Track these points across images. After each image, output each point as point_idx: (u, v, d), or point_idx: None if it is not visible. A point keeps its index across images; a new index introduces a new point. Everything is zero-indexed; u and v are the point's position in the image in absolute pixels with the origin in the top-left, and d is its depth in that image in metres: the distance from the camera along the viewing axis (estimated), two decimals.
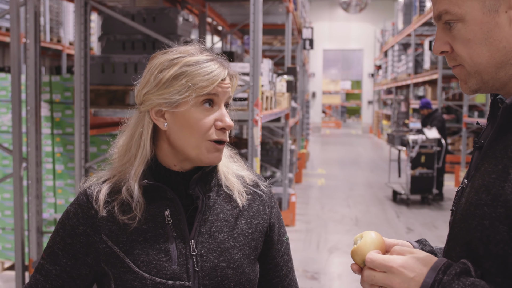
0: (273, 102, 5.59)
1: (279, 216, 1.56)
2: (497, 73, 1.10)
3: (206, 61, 1.35)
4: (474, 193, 1.10)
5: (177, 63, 1.35)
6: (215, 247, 1.39)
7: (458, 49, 1.13)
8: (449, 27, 1.13)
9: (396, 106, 20.09)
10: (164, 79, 1.34)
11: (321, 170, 13.75)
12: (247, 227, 1.46)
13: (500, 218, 1.02)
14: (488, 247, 1.04)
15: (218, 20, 9.10)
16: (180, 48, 1.40)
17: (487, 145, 1.14)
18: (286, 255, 1.56)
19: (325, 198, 9.97)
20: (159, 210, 1.38)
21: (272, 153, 8.59)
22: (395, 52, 18.78)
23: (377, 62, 25.45)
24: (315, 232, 7.50)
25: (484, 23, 1.08)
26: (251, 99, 4.07)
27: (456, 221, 1.14)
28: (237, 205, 1.46)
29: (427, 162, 9.28)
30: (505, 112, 1.10)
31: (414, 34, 14.67)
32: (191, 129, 1.35)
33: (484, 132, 1.21)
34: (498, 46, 1.08)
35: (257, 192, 1.51)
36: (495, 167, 1.08)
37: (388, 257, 1.10)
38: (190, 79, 1.33)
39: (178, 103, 1.34)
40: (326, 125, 30.28)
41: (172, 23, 4.90)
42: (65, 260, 1.39)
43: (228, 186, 1.46)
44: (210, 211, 1.42)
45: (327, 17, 27.11)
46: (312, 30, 12.08)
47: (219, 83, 1.35)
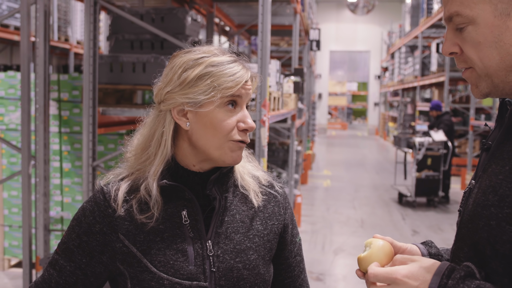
0: (280, 103, 5.59)
1: (293, 217, 1.58)
2: (507, 76, 1.11)
3: (230, 62, 1.36)
4: (482, 194, 1.11)
5: (202, 63, 1.35)
6: (231, 248, 1.40)
7: (468, 52, 1.13)
8: (460, 29, 1.13)
9: (403, 108, 20.05)
10: (189, 79, 1.34)
11: (327, 171, 13.75)
12: (263, 228, 1.47)
13: (506, 218, 1.03)
14: (495, 247, 1.05)
15: (225, 21, 9.11)
16: (203, 48, 1.40)
17: (495, 146, 1.15)
18: (298, 255, 1.58)
19: (331, 200, 9.97)
20: (176, 210, 1.39)
21: (278, 154, 8.60)
22: (402, 54, 18.76)
23: (384, 64, 25.42)
24: (320, 233, 7.50)
25: (495, 26, 1.08)
26: (259, 100, 4.07)
27: (464, 222, 1.15)
28: (253, 206, 1.47)
29: (433, 164, 9.26)
30: None
31: (421, 36, 14.65)
32: (214, 129, 1.35)
33: (492, 134, 1.21)
34: (508, 50, 1.08)
35: (272, 193, 1.52)
36: (502, 168, 1.08)
37: (391, 269, 1.11)
38: (216, 79, 1.33)
39: (203, 103, 1.34)
40: (332, 127, 30.25)
41: (180, 23, 4.91)
42: (80, 257, 1.40)
43: (244, 186, 1.48)
44: (226, 212, 1.43)
45: (334, 19, 27.09)
46: (319, 31, 12.08)
47: (243, 85, 1.36)
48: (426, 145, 9.25)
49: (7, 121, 5.40)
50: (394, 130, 21.04)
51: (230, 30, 10.08)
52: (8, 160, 5.44)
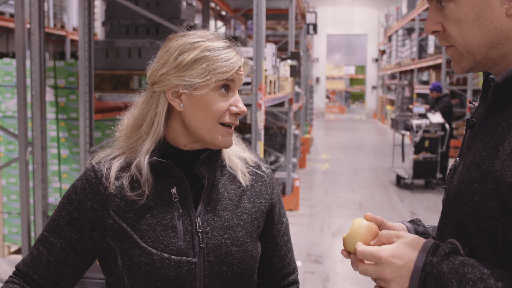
0: (277, 86, 5.59)
1: (280, 197, 1.62)
2: (488, 53, 1.12)
3: (225, 48, 1.40)
4: (466, 170, 1.12)
5: (198, 47, 1.38)
6: (220, 225, 1.44)
7: (450, 29, 1.14)
8: (441, 7, 1.14)
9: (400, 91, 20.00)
10: (185, 61, 1.37)
11: (325, 155, 13.77)
12: (250, 206, 1.50)
13: (490, 194, 1.04)
14: (479, 222, 1.06)
15: (221, 5, 9.07)
16: (198, 32, 1.44)
17: (479, 123, 1.16)
18: (285, 235, 1.62)
19: (329, 183, 10.00)
20: (166, 188, 1.42)
21: (276, 138, 8.61)
22: (399, 37, 18.72)
23: (381, 47, 25.37)
24: (319, 216, 7.53)
25: (476, 3, 1.09)
26: (255, 83, 4.08)
27: (449, 199, 1.16)
28: (241, 185, 1.51)
29: (431, 146, 9.28)
30: (495, 90, 1.12)
31: (418, 19, 14.62)
32: (207, 111, 1.39)
33: (476, 111, 1.23)
34: (489, 27, 1.09)
35: (259, 173, 1.57)
36: (486, 145, 1.10)
37: (377, 249, 1.12)
38: (211, 64, 1.37)
39: (197, 86, 1.38)
40: (330, 111, 30.25)
41: (175, 8, 4.90)
42: (71, 234, 1.42)
43: (231, 167, 1.52)
44: (215, 190, 1.46)
45: (330, 2, 26.99)
46: (316, 15, 12.04)
47: (236, 70, 1.40)
48: (424, 127, 9.26)
49: (3, 109, 5.40)
50: (392, 113, 21.04)
51: (226, 14, 10.04)
52: (6, 147, 5.44)
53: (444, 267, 1.04)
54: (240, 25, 11.91)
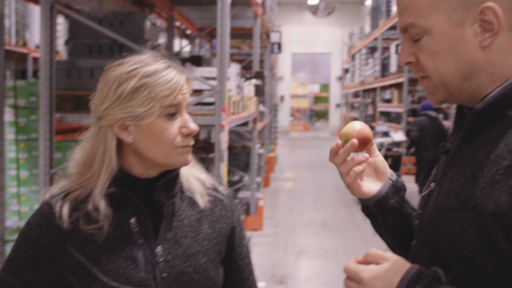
0: (241, 106, 5.60)
1: (240, 219, 1.61)
2: (462, 84, 1.13)
3: (164, 69, 1.36)
4: (443, 197, 1.12)
5: (136, 75, 1.34)
6: (181, 253, 1.42)
7: (424, 61, 1.15)
8: (414, 39, 1.15)
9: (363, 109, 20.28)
10: (125, 93, 1.33)
11: (290, 173, 13.81)
12: (211, 232, 1.49)
13: (469, 222, 1.04)
14: (458, 251, 1.06)
15: (186, 24, 9.08)
16: (134, 58, 1.39)
17: (455, 149, 1.17)
18: (247, 257, 1.61)
19: (293, 202, 10.02)
20: (124, 218, 1.39)
21: (240, 157, 8.60)
22: (363, 55, 18.97)
23: (345, 66, 25.67)
24: (283, 235, 7.53)
25: (451, 36, 1.11)
26: (218, 104, 4.08)
27: (424, 225, 1.16)
28: (200, 209, 1.49)
29: (393, 164, 9.39)
30: (473, 117, 1.13)
31: (381, 38, 14.86)
32: (158, 139, 1.36)
33: (450, 137, 1.23)
34: (463, 59, 1.11)
35: (218, 197, 1.55)
36: (464, 172, 1.10)
37: (360, 268, 1.11)
38: (152, 89, 1.33)
39: (143, 116, 1.34)
40: (295, 128, 30.39)
41: (139, 28, 4.88)
42: (29, 273, 1.38)
43: (189, 189, 1.49)
44: (174, 217, 1.44)
45: (295, 21, 27.24)
46: (281, 34, 12.12)
47: (179, 90, 1.36)
48: (386, 145, 9.39)
49: None
50: None
51: (191, 33, 10.05)
52: None
53: None
54: (205, 43, 11.93)
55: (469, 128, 1.14)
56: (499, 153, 1.05)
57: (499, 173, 1.03)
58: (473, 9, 1.09)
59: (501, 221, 1.00)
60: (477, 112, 1.12)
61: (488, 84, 1.12)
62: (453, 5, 1.10)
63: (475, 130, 1.14)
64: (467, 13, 1.09)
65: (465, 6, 1.09)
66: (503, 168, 1.03)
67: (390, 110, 16.01)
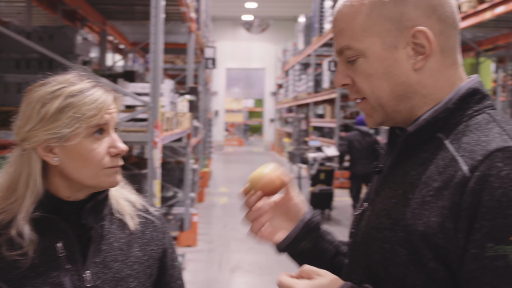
0: (174, 122, 5.57)
1: (171, 241, 1.58)
2: (397, 106, 1.16)
3: (89, 89, 1.33)
4: (375, 217, 1.14)
5: (60, 95, 1.30)
6: (111, 277, 1.37)
7: (360, 83, 1.17)
8: (350, 61, 1.17)
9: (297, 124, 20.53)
10: (49, 113, 1.29)
11: (224, 188, 13.80)
12: (142, 255, 1.45)
13: (400, 242, 1.06)
14: (388, 270, 1.08)
15: (119, 39, 8.98)
16: (59, 78, 1.35)
17: (387, 170, 1.20)
18: (179, 279, 1.58)
19: (228, 217, 10.01)
20: (51, 243, 1.34)
21: (174, 173, 8.53)
22: (296, 71, 19.26)
23: (279, 81, 25.97)
24: (217, 251, 7.51)
25: (385, 58, 1.13)
26: (151, 121, 4.04)
27: (357, 244, 1.18)
28: (131, 232, 1.45)
29: (326, 179, 9.55)
30: (406, 139, 1.16)
31: (314, 55, 15.14)
32: (85, 161, 1.32)
33: (383, 157, 1.26)
34: (397, 81, 1.14)
35: (149, 218, 1.51)
36: (395, 192, 1.12)
37: (295, 282, 1.12)
38: (77, 110, 1.29)
39: (68, 137, 1.30)
40: (229, 143, 30.43)
41: (70, 42, 4.79)
42: None
43: (119, 211, 1.45)
44: (104, 241, 1.40)
45: (230, 37, 27.39)
46: (215, 49, 12.16)
47: (106, 110, 1.33)
48: (319, 160, 9.54)
49: None
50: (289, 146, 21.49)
51: (124, 48, 9.94)
52: None
53: None
54: (138, 58, 11.82)
55: (401, 149, 1.17)
56: (430, 175, 1.08)
57: (430, 194, 1.06)
58: (405, 33, 1.12)
59: (430, 242, 1.03)
60: (409, 134, 1.15)
61: (421, 106, 1.15)
62: (387, 29, 1.13)
63: (407, 151, 1.16)
64: (400, 36, 1.13)
65: (398, 29, 1.12)
66: (433, 189, 1.06)
67: (323, 125, 16.31)
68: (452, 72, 1.16)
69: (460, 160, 1.04)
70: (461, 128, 1.11)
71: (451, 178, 1.04)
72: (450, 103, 1.13)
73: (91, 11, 6.62)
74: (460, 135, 1.10)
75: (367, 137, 9.00)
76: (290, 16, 26.17)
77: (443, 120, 1.12)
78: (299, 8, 23.27)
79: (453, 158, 1.06)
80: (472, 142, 1.06)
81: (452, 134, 1.11)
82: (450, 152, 1.08)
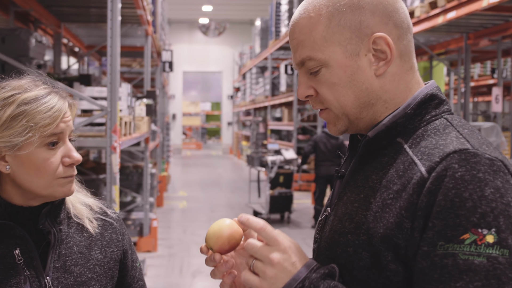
0: (132, 127, 5.50)
1: (131, 242, 1.57)
2: (361, 113, 1.17)
3: (44, 96, 1.28)
4: (338, 221, 1.15)
5: (13, 102, 1.26)
6: (72, 282, 1.35)
7: (324, 93, 1.17)
8: (312, 72, 1.17)
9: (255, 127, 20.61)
10: (1, 121, 1.25)
11: (183, 192, 13.71)
12: (102, 257, 1.44)
13: (363, 245, 1.07)
14: (352, 273, 1.09)
15: (74, 42, 8.82)
16: (13, 83, 1.30)
17: (349, 175, 1.21)
18: (140, 280, 1.57)
19: (187, 221, 9.93)
20: (8, 250, 1.30)
21: (132, 177, 8.42)
22: (253, 74, 19.30)
23: (236, 84, 26.01)
24: (178, 256, 7.44)
25: (347, 66, 1.14)
26: (109, 126, 3.97)
27: (321, 249, 1.19)
28: (90, 235, 1.43)
29: (285, 182, 9.58)
30: (366, 144, 1.17)
31: (270, 58, 15.20)
32: (38, 170, 1.28)
33: (345, 162, 1.27)
34: (361, 88, 1.15)
35: (107, 220, 1.50)
36: (357, 196, 1.13)
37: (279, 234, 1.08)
38: (31, 118, 1.25)
39: (21, 146, 1.26)
40: (187, 147, 30.29)
41: (23, 45, 4.68)
42: None
43: (77, 215, 1.43)
44: (63, 245, 1.37)
45: (186, 40, 27.28)
46: (172, 52, 12.09)
47: (61, 118, 1.29)
48: (278, 163, 9.56)
49: None
50: (248, 149, 21.53)
51: (79, 51, 9.77)
52: None
53: (321, 285, 1.04)
54: (94, 61, 11.64)
55: (362, 154, 1.19)
56: (390, 179, 1.10)
57: (390, 197, 1.08)
58: (365, 40, 1.14)
59: (390, 242, 1.04)
60: (369, 140, 1.16)
61: (383, 112, 1.17)
62: (347, 37, 1.14)
63: (367, 156, 1.18)
64: (361, 43, 1.14)
65: (358, 37, 1.14)
66: (393, 192, 1.07)
67: (281, 128, 16.38)
68: (410, 76, 1.18)
69: (419, 163, 1.06)
70: (419, 132, 1.13)
71: (409, 180, 1.06)
72: (409, 108, 1.14)
73: (45, 13, 6.48)
74: (419, 139, 1.12)
75: (333, 139, 9.08)
76: (247, 19, 26.25)
77: (402, 125, 1.14)
78: (256, 12, 23.37)
79: (412, 161, 1.08)
80: (430, 146, 1.08)
81: (411, 138, 1.13)
82: (410, 156, 1.10)
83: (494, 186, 0.99)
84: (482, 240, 0.97)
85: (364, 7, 1.13)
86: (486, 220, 0.97)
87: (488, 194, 0.99)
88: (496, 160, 1.03)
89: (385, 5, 1.14)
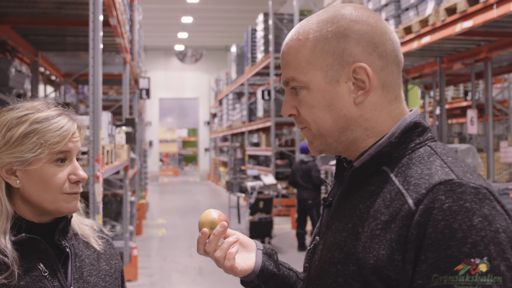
0: (113, 155, 5.47)
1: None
2: (339, 137, 1.19)
3: (55, 117, 1.39)
4: (327, 251, 1.16)
5: (26, 121, 1.36)
6: None
7: (303, 113, 1.21)
8: (296, 92, 1.21)
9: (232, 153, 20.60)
10: (14, 138, 1.35)
11: (162, 220, 13.59)
12: (109, 268, 1.55)
13: (353, 275, 1.09)
14: None
15: (51, 70, 8.78)
16: (27, 104, 1.41)
17: (336, 203, 1.22)
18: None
19: (167, 249, 9.84)
20: (32, 264, 1.38)
21: (111, 205, 8.34)
22: (230, 100, 19.36)
23: (213, 110, 26.03)
24: (158, 285, 7.35)
25: (327, 91, 1.17)
26: (92, 155, 3.95)
27: (311, 278, 1.20)
28: (95, 250, 1.54)
29: (265, 207, 9.58)
30: (353, 174, 1.19)
31: (247, 84, 15.29)
32: (45, 185, 1.37)
33: (332, 191, 1.28)
34: (339, 114, 1.17)
35: (106, 238, 1.61)
36: (346, 226, 1.15)
37: None
38: (42, 136, 1.35)
39: (31, 161, 1.35)
40: (164, 174, 30.13)
41: (3, 75, 4.66)
42: None
43: (83, 235, 1.53)
44: (77, 258, 1.47)
45: (162, 66, 27.30)
46: (149, 80, 12.09)
47: (70, 138, 1.38)
48: (258, 189, 9.56)
49: None
50: (225, 175, 21.48)
51: (56, 79, 9.72)
52: None
53: None
54: (70, 89, 11.58)
55: (349, 183, 1.20)
56: (377, 208, 1.11)
57: (378, 227, 1.09)
58: (347, 68, 1.16)
59: (381, 274, 1.06)
60: (356, 170, 1.18)
61: (364, 138, 1.19)
62: (329, 63, 1.17)
63: (354, 185, 1.20)
64: (342, 71, 1.17)
65: (340, 64, 1.16)
66: (381, 222, 1.09)
67: (259, 153, 16.40)
68: (395, 106, 1.20)
69: (406, 194, 1.08)
70: (404, 161, 1.15)
71: (397, 212, 1.07)
72: (393, 137, 1.16)
73: (22, 42, 6.46)
74: (404, 168, 1.13)
75: (303, 164, 9.31)
76: (222, 45, 26.39)
77: (387, 154, 1.16)
78: (231, 38, 23.53)
79: (398, 191, 1.10)
80: (416, 175, 1.10)
81: (397, 167, 1.15)
82: (396, 185, 1.11)
83: (482, 215, 1.01)
84: (475, 270, 0.98)
85: (349, 36, 1.16)
86: (477, 249, 0.99)
87: (476, 223, 1.00)
88: (481, 188, 1.05)
89: (371, 36, 1.17)
